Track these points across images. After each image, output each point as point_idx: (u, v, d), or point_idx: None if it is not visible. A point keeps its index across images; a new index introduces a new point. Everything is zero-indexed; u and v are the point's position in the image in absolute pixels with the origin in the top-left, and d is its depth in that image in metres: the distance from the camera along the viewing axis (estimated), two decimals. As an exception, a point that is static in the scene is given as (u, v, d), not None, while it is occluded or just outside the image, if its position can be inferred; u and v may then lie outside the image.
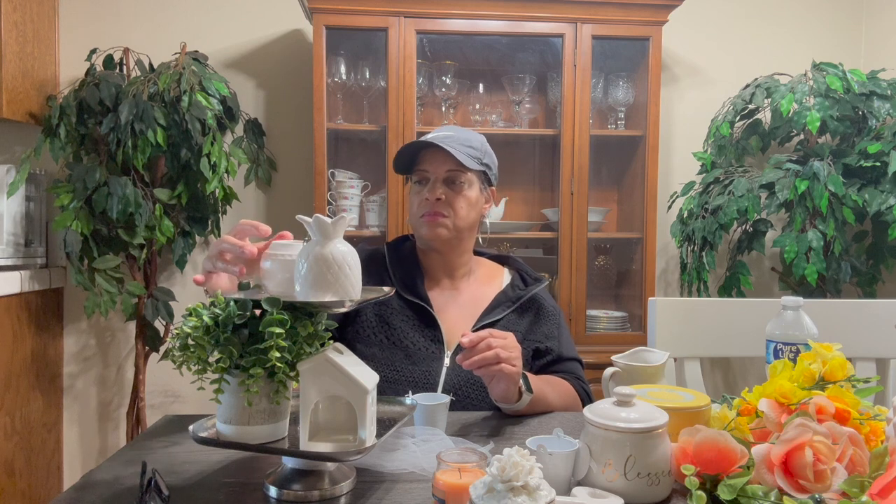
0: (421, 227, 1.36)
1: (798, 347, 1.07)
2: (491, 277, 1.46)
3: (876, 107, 2.19)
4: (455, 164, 1.32)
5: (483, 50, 2.52)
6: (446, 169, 1.33)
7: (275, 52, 2.59)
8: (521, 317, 1.39)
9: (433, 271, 1.42)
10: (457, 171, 1.33)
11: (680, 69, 2.72)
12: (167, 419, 1.18)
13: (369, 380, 0.83)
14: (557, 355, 1.38)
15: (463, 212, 1.34)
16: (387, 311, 1.34)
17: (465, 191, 1.35)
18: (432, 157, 1.34)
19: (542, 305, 1.42)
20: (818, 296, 2.24)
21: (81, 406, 2.56)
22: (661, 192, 2.52)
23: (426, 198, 1.33)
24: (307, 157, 2.49)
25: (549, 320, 1.41)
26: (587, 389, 1.38)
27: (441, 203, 1.33)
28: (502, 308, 1.38)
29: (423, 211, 1.34)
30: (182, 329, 0.82)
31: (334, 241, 0.84)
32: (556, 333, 1.41)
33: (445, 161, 1.32)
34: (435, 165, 1.34)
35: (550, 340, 1.39)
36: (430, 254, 1.42)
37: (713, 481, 0.78)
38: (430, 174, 1.34)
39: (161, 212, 2.27)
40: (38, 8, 2.36)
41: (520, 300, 1.39)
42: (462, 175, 1.34)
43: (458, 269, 1.42)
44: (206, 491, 0.85)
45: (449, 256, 1.40)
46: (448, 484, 0.74)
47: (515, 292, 1.41)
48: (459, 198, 1.34)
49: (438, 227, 1.33)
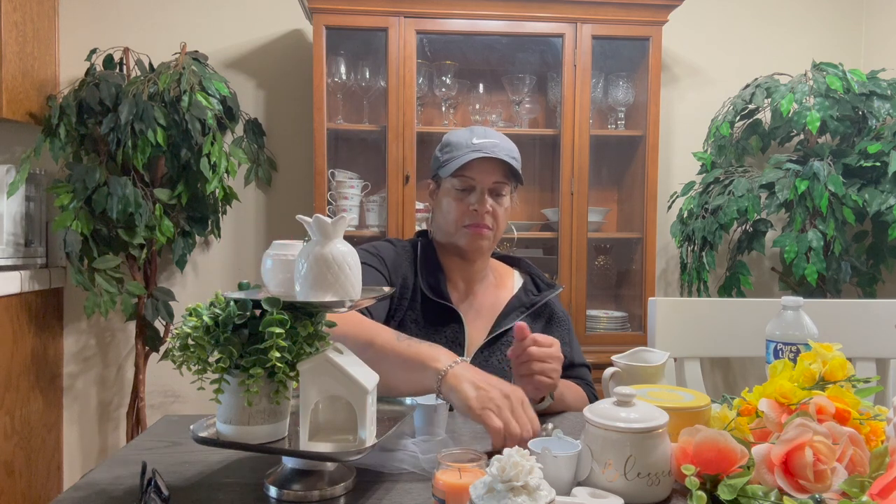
0: (462, 236, 1.33)
1: (798, 347, 1.07)
2: (504, 281, 1.45)
3: (876, 107, 2.19)
4: (503, 175, 1.31)
5: (483, 50, 2.52)
6: (494, 180, 1.31)
7: (275, 52, 2.59)
8: (535, 322, 1.39)
9: (451, 274, 1.41)
10: (503, 182, 1.32)
11: (680, 69, 2.72)
12: (167, 419, 1.18)
13: (369, 380, 0.83)
14: (570, 361, 1.38)
15: (503, 223, 1.35)
16: (410, 315, 1.33)
17: (506, 202, 1.35)
18: (480, 166, 1.30)
19: (553, 311, 1.42)
20: (818, 296, 2.24)
21: (81, 406, 2.56)
22: (661, 192, 2.52)
23: (475, 209, 1.31)
24: (307, 157, 2.49)
25: (561, 326, 1.41)
26: (595, 395, 1.38)
27: (489, 215, 1.31)
28: (517, 314, 1.37)
29: (467, 220, 1.32)
30: (182, 329, 0.82)
31: (334, 241, 0.84)
32: (568, 339, 1.40)
33: (494, 171, 1.30)
34: (483, 175, 1.31)
35: (563, 347, 1.38)
36: (453, 258, 1.40)
37: (713, 481, 0.78)
38: (476, 182, 1.31)
39: (161, 212, 2.27)
40: (38, 8, 2.36)
41: (534, 306, 1.38)
42: (506, 186, 1.33)
43: (477, 273, 1.41)
44: (206, 491, 0.85)
45: (476, 264, 1.40)
46: (448, 484, 0.74)
47: (529, 298, 1.40)
48: (502, 210, 1.34)
49: (483, 240, 1.33)
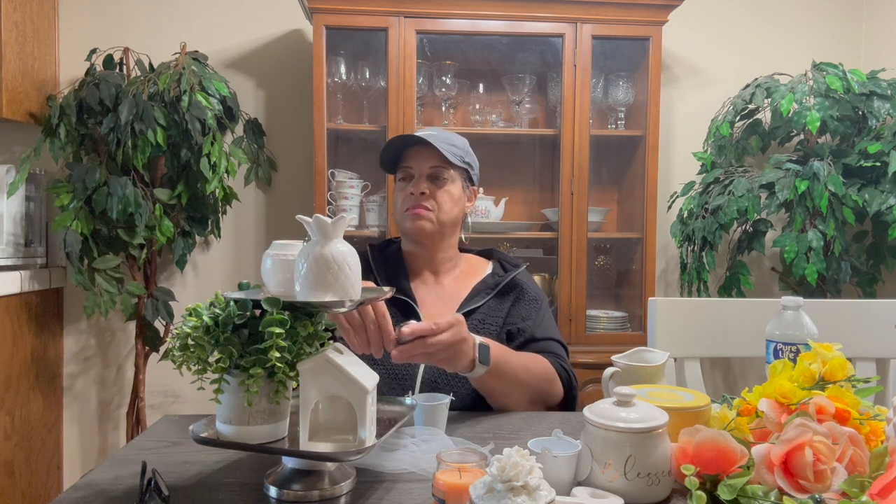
0: (405, 220, 1.39)
1: (798, 347, 1.07)
2: (475, 270, 1.47)
3: (876, 107, 2.19)
4: (438, 161, 1.36)
5: (483, 50, 2.52)
6: (430, 165, 1.37)
7: (275, 52, 2.59)
8: (502, 302, 1.40)
9: (417, 269, 1.45)
10: (440, 167, 1.37)
11: (680, 69, 2.72)
12: (167, 419, 1.18)
13: (369, 380, 0.83)
14: (531, 335, 1.37)
15: (446, 206, 1.37)
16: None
17: (448, 186, 1.38)
18: (416, 154, 1.38)
19: (524, 290, 1.42)
20: (818, 296, 2.23)
21: (81, 406, 2.56)
22: (661, 192, 2.52)
23: (410, 192, 1.37)
24: (307, 157, 2.49)
25: (529, 304, 1.41)
26: (567, 368, 1.35)
27: (425, 197, 1.36)
28: (482, 295, 1.39)
29: (407, 205, 1.38)
30: (182, 329, 0.82)
31: (334, 241, 0.84)
32: (534, 316, 1.40)
33: (429, 157, 1.37)
34: (419, 162, 1.38)
35: (525, 322, 1.39)
36: (415, 251, 1.44)
37: (713, 481, 0.78)
38: (413, 170, 1.38)
39: (161, 212, 2.27)
40: (38, 8, 2.36)
41: (498, 286, 1.41)
42: (445, 171, 1.38)
43: (442, 264, 1.44)
44: (206, 491, 0.85)
45: (432, 252, 1.42)
46: (448, 484, 0.74)
47: (494, 279, 1.43)
48: (443, 192, 1.37)
49: (422, 221, 1.36)
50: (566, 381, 1.34)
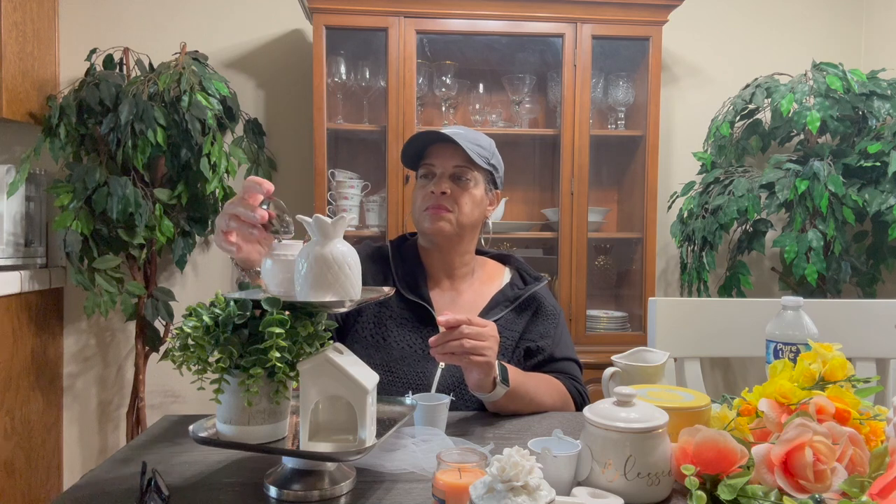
0: (424, 220, 1.34)
1: (798, 347, 1.07)
2: (492, 277, 1.44)
3: (876, 107, 2.19)
4: (463, 160, 1.31)
5: (483, 50, 2.52)
6: (454, 164, 1.32)
7: (275, 52, 2.59)
8: (520, 316, 1.38)
9: (434, 271, 1.41)
10: (464, 167, 1.33)
11: (680, 69, 2.72)
12: (167, 419, 1.18)
13: (369, 380, 0.83)
14: (549, 355, 1.36)
15: (467, 208, 1.33)
16: (385, 313, 1.34)
17: (471, 188, 1.34)
18: (440, 152, 1.33)
19: (541, 305, 1.39)
20: (818, 296, 2.24)
21: (81, 406, 2.56)
22: (661, 192, 2.52)
23: (431, 191, 1.32)
24: (307, 157, 2.49)
25: (547, 320, 1.38)
26: (581, 390, 1.35)
27: (446, 197, 1.32)
28: (500, 308, 1.36)
29: (427, 204, 1.33)
30: (182, 329, 0.82)
31: (334, 241, 0.84)
32: (552, 333, 1.38)
33: (454, 156, 1.32)
34: (443, 160, 1.33)
35: (544, 339, 1.36)
36: (432, 253, 1.40)
37: (713, 481, 0.78)
38: (436, 168, 1.34)
39: (161, 212, 2.27)
40: (38, 8, 2.36)
41: (518, 300, 1.38)
42: (469, 172, 1.33)
43: (459, 268, 1.40)
44: (206, 491, 0.85)
45: (450, 255, 1.39)
46: (448, 484, 0.74)
47: (514, 291, 1.40)
48: (465, 194, 1.33)
49: (441, 221, 1.32)
50: (579, 403, 1.33)
